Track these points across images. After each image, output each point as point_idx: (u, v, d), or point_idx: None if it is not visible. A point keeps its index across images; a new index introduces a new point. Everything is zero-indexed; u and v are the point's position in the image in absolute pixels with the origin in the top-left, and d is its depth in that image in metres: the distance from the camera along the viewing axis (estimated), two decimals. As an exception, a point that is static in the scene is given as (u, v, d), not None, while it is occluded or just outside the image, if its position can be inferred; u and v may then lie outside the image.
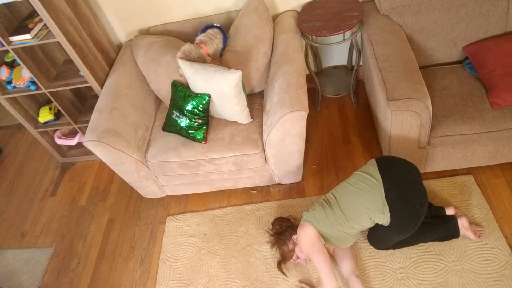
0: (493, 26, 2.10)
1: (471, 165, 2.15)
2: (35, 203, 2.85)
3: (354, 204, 1.77)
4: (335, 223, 1.81)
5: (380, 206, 1.71)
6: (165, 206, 2.56)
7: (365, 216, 1.75)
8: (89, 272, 2.37)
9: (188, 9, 2.47)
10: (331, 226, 1.82)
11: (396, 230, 1.77)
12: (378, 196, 1.71)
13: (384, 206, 1.70)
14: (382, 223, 1.76)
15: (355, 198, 1.77)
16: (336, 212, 1.81)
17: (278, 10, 2.49)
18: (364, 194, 1.75)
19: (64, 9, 2.18)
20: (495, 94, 1.93)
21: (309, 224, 1.87)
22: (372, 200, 1.72)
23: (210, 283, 2.14)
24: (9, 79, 2.52)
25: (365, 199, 1.74)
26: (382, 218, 1.73)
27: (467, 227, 1.95)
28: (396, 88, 1.86)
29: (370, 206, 1.73)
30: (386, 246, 1.96)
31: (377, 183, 1.73)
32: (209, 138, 2.21)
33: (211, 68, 2.06)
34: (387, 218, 1.71)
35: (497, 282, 1.84)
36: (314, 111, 2.81)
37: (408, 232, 1.78)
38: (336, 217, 1.80)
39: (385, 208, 1.70)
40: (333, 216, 1.81)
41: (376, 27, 2.20)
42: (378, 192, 1.72)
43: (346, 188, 1.83)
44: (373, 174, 1.77)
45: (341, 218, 1.79)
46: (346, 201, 1.80)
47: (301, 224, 1.91)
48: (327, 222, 1.83)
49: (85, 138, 2.10)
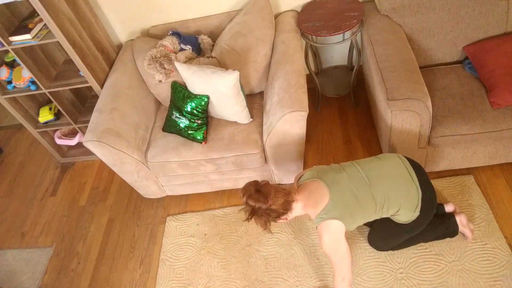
0: (493, 26, 2.10)
1: (471, 165, 2.15)
2: (35, 203, 2.85)
3: (390, 194, 1.63)
4: (362, 209, 1.63)
5: (414, 205, 1.66)
6: (165, 206, 2.56)
7: (395, 209, 1.65)
8: (89, 272, 2.37)
9: (188, 9, 2.47)
10: (355, 213, 1.63)
11: (410, 228, 1.75)
12: (415, 194, 1.64)
13: (418, 206, 1.66)
14: (401, 220, 1.71)
15: (391, 188, 1.62)
16: (366, 197, 1.62)
17: (278, 10, 2.49)
18: (401, 187, 1.63)
19: (64, 9, 2.18)
20: (495, 94, 1.93)
21: (338, 221, 1.60)
22: (408, 197, 1.64)
23: (210, 283, 2.14)
24: (9, 79, 2.52)
25: (402, 193, 1.63)
26: (407, 216, 1.67)
27: (465, 224, 1.95)
28: (396, 88, 1.86)
29: (405, 202, 1.64)
30: (388, 247, 1.96)
31: (413, 181, 1.65)
32: (209, 138, 2.21)
33: (208, 70, 2.06)
34: (412, 217, 1.68)
35: (497, 282, 1.84)
36: (314, 111, 2.81)
37: (418, 231, 1.77)
38: (365, 202, 1.62)
39: (417, 208, 1.66)
40: (363, 201, 1.61)
41: (376, 27, 2.20)
42: (416, 191, 1.65)
43: (381, 171, 1.65)
44: (409, 170, 1.67)
45: (371, 205, 1.63)
46: (380, 189, 1.63)
47: (328, 224, 1.61)
48: (355, 209, 1.62)
49: (85, 138, 2.10)
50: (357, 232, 2.13)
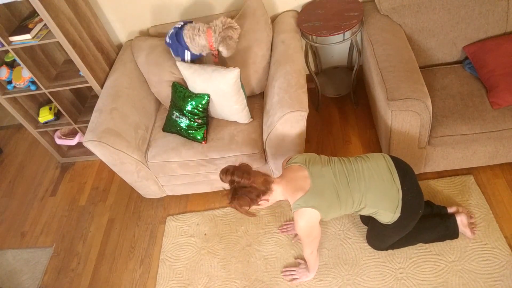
0: (493, 26, 2.10)
1: (471, 165, 2.15)
2: (35, 203, 2.85)
3: (367, 193, 1.66)
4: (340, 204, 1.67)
5: (394, 206, 1.67)
6: (165, 206, 2.56)
7: (373, 209, 1.69)
8: (89, 272, 2.37)
9: (187, 9, 2.47)
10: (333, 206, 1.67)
11: (396, 229, 1.77)
12: (395, 195, 1.66)
13: (398, 207, 1.67)
14: (383, 220, 1.73)
15: (369, 187, 1.66)
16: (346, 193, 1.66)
17: (278, 10, 2.49)
18: (380, 187, 1.66)
19: (64, 9, 2.18)
20: (495, 94, 1.93)
21: (315, 210, 1.63)
22: (387, 197, 1.66)
23: (210, 283, 2.14)
24: (9, 79, 2.52)
25: (380, 193, 1.66)
26: (388, 216, 1.69)
27: (466, 224, 1.95)
28: (396, 88, 1.86)
29: (383, 202, 1.66)
30: (385, 246, 1.97)
31: (394, 182, 1.67)
32: (209, 138, 2.21)
33: (209, 68, 2.07)
34: (393, 218, 1.69)
35: (497, 282, 1.84)
36: (314, 111, 2.81)
37: (405, 231, 1.79)
38: (344, 198, 1.66)
39: (397, 209, 1.67)
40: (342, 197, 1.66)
41: (376, 27, 2.20)
42: (396, 192, 1.66)
43: (363, 171, 1.68)
44: (392, 171, 1.68)
45: (348, 201, 1.67)
46: (358, 188, 1.66)
47: (304, 211, 1.64)
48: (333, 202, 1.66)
49: (85, 138, 2.10)
50: (357, 232, 2.13)
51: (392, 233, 1.84)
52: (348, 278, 1.99)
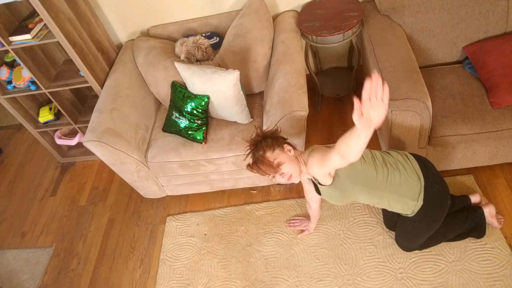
0: (493, 26, 2.10)
1: (471, 165, 2.15)
2: (35, 203, 2.85)
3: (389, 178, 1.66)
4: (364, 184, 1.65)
5: (416, 193, 1.67)
6: (165, 206, 2.56)
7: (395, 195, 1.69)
8: (89, 272, 2.37)
9: (188, 9, 2.47)
10: (358, 183, 1.65)
11: (425, 223, 1.76)
12: (416, 183, 1.66)
13: (420, 194, 1.67)
14: (406, 211, 1.72)
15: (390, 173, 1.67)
16: (379, 178, 1.66)
17: (278, 10, 2.49)
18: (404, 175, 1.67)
19: (64, 9, 2.18)
20: (495, 94, 1.93)
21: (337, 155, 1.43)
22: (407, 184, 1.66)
23: (210, 283, 2.14)
24: (9, 79, 2.52)
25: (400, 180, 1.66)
26: (410, 206, 1.69)
27: (494, 214, 1.94)
28: (396, 88, 1.86)
29: (403, 188, 1.67)
30: (415, 246, 1.93)
31: (415, 170, 1.69)
32: (209, 138, 2.21)
33: (208, 70, 2.06)
34: (416, 206, 1.68)
35: (497, 282, 1.84)
36: (314, 111, 2.81)
37: (435, 227, 1.77)
38: (376, 181, 1.65)
39: (420, 197, 1.67)
40: (374, 178, 1.65)
41: (376, 27, 2.20)
42: (417, 181, 1.66)
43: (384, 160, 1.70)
44: (413, 163, 1.71)
45: (380, 184, 1.66)
46: (394, 180, 1.67)
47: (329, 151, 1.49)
48: (360, 177, 1.65)
49: (85, 138, 2.10)
50: (357, 232, 2.13)
51: (422, 230, 1.80)
52: (348, 278, 1.99)
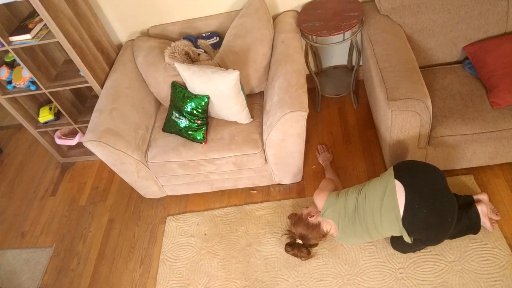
0: (493, 26, 2.10)
1: (471, 165, 2.15)
2: (35, 203, 2.85)
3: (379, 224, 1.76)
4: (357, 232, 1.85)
5: (398, 231, 1.73)
6: (165, 206, 2.56)
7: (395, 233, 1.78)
8: (89, 272, 2.37)
9: (188, 9, 2.47)
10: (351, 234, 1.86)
11: (428, 242, 1.78)
12: (394, 225, 1.72)
13: (403, 230, 1.70)
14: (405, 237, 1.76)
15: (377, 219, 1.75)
16: (359, 226, 1.82)
17: (278, 10, 2.49)
18: (385, 216, 1.73)
19: (64, 9, 2.18)
20: (495, 94, 1.93)
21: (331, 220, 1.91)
22: (389, 225, 1.73)
23: (210, 283, 2.14)
24: (9, 79, 2.52)
25: (386, 223, 1.73)
26: (406, 238, 1.74)
27: (486, 214, 1.94)
28: (396, 88, 1.86)
29: (386, 230, 1.77)
30: (412, 250, 1.96)
31: (396, 214, 1.70)
32: (209, 138, 2.21)
33: (208, 70, 2.06)
34: (407, 239, 1.73)
35: (497, 282, 1.84)
36: (314, 111, 2.81)
37: (440, 241, 1.79)
38: (360, 229, 1.83)
39: (403, 232, 1.71)
40: (359, 227, 1.83)
41: (376, 27, 2.20)
42: (396, 221, 1.70)
43: (369, 204, 1.78)
44: (393, 198, 1.70)
45: (364, 231, 1.82)
46: (370, 220, 1.78)
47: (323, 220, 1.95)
48: (348, 230, 1.86)
49: (85, 138, 2.10)
50: (357, 232, 2.13)
51: (416, 247, 1.87)
52: (348, 278, 1.99)
